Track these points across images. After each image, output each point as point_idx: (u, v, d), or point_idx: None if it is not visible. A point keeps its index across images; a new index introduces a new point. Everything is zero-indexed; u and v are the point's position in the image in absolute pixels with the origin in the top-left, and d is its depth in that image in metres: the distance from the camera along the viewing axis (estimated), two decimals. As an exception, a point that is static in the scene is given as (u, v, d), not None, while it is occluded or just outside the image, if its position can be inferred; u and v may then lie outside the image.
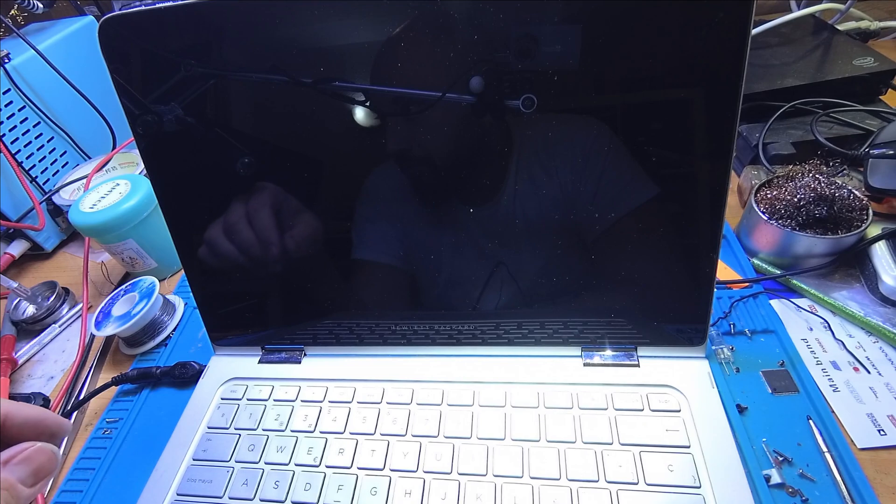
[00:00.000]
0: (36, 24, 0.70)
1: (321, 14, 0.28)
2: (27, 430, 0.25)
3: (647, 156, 0.29)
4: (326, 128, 0.32)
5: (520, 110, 0.29)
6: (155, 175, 0.35)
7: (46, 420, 0.25)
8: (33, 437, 0.25)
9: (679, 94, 0.27)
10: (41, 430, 0.25)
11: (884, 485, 0.29)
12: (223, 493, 0.32)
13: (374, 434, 0.34)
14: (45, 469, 0.24)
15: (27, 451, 0.24)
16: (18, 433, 0.24)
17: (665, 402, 0.32)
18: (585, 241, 0.32)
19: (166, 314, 0.48)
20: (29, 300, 0.52)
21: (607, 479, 0.29)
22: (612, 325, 0.34)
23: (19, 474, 0.23)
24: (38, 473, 0.24)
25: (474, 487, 0.30)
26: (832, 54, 0.57)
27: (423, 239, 0.34)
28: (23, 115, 0.60)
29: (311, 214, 0.35)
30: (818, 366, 0.35)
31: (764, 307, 0.39)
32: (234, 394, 0.38)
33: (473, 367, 0.36)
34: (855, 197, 0.40)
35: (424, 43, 0.28)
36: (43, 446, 0.24)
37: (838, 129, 0.49)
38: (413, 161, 0.32)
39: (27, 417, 0.25)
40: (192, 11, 0.30)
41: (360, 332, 0.38)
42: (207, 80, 0.31)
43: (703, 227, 0.30)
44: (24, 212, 0.59)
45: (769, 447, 0.31)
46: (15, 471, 0.23)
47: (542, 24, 0.26)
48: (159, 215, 0.36)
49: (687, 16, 0.25)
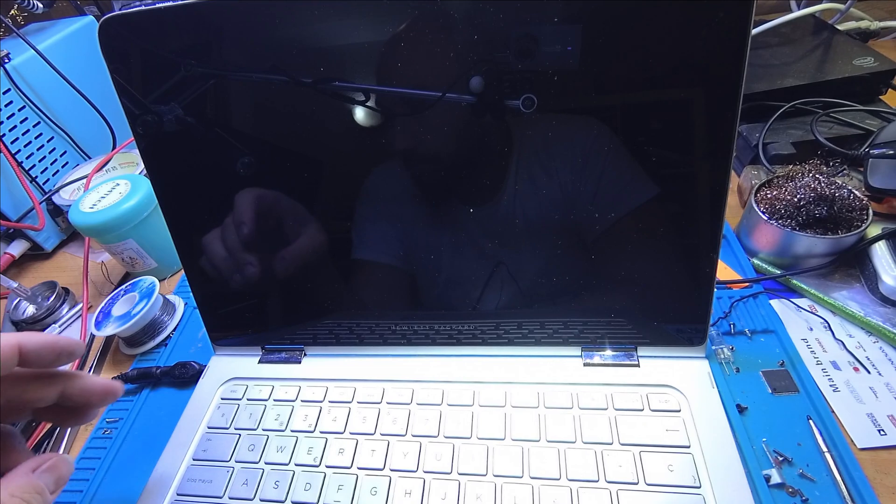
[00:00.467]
0: (36, 24, 0.70)
1: (321, 14, 0.28)
2: (45, 355, 0.26)
3: (646, 156, 0.29)
4: (326, 128, 0.32)
5: (520, 110, 0.29)
6: (155, 175, 0.35)
7: (59, 342, 0.27)
8: (51, 359, 0.26)
9: (679, 93, 0.27)
10: (57, 351, 0.27)
11: (884, 485, 0.29)
12: (223, 493, 0.32)
13: (374, 434, 0.34)
14: (64, 478, 0.26)
15: (52, 460, 0.26)
16: (37, 358, 0.26)
17: (665, 402, 0.32)
18: (585, 240, 0.32)
19: (166, 314, 0.48)
20: (29, 300, 0.52)
21: (607, 479, 0.29)
22: (612, 325, 0.34)
23: (46, 481, 0.25)
24: (59, 481, 0.26)
25: (474, 487, 0.30)
26: (832, 54, 0.57)
27: (424, 239, 0.34)
28: (23, 115, 0.60)
29: (315, 226, 0.35)
30: (818, 366, 0.35)
31: (764, 307, 0.39)
32: (234, 394, 0.38)
33: (473, 367, 0.36)
34: (855, 197, 0.40)
35: (424, 43, 0.28)
36: (63, 457, 0.26)
37: (838, 128, 0.49)
38: (413, 161, 0.32)
39: (41, 343, 0.26)
40: (192, 11, 0.30)
41: (360, 332, 0.38)
42: (207, 80, 0.31)
43: (703, 226, 0.30)
44: (24, 212, 0.59)
45: (769, 447, 0.31)
46: (42, 477, 0.25)
47: (542, 24, 0.26)
48: (159, 215, 0.36)
49: (687, 16, 0.25)
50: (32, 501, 0.24)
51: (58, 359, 0.27)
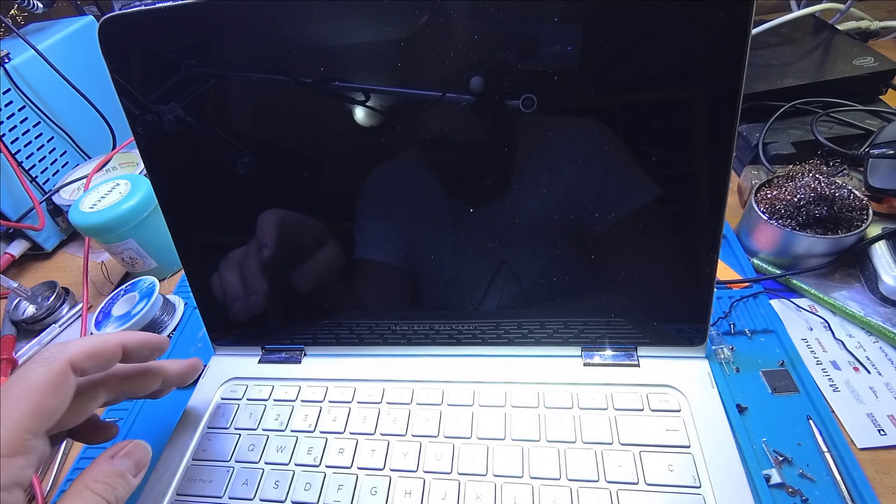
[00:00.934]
0: (36, 24, 0.70)
1: (321, 14, 0.28)
2: (143, 350, 0.30)
3: (646, 156, 0.29)
4: (326, 127, 0.32)
5: (520, 110, 0.29)
6: (155, 175, 0.35)
7: (151, 340, 0.30)
8: (146, 354, 0.30)
9: (679, 93, 0.27)
10: (151, 347, 0.30)
11: (884, 485, 0.29)
12: (223, 493, 0.32)
13: (374, 434, 0.34)
14: (143, 461, 0.28)
15: (128, 446, 0.28)
16: (137, 354, 0.29)
17: (665, 401, 0.32)
18: (586, 240, 0.32)
19: (166, 314, 0.48)
20: (29, 300, 0.52)
21: (607, 479, 0.29)
22: (612, 325, 0.34)
23: (126, 465, 0.27)
24: (139, 465, 0.27)
25: (474, 487, 0.30)
26: (832, 54, 0.57)
27: (424, 238, 0.34)
28: (23, 114, 0.60)
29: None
30: (818, 366, 0.35)
31: (764, 307, 0.39)
32: (234, 394, 0.38)
33: (473, 367, 0.36)
34: (855, 197, 0.40)
35: (424, 43, 0.28)
36: (139, 442, 0.28)
37: (838, 128, 0.49)
38: (413, 161, 0.32)
39: (138, 341, 0.29)
40: (192, 11, 0.30)
41: (360, 332, 0.38)
42: (207, 80, 0.31)
43: (703, 226, 0.30)
44: (24, 212, 0.59)
45: (769, 447, 0.31)
46: (122, 462, 0.27)
47: (542, 24, 0.26)
48: (159, 215, 0.36)
49: (687, 16, 0.25)
50: (116, 485, 0.25)
51: (152, 354, 0.30)
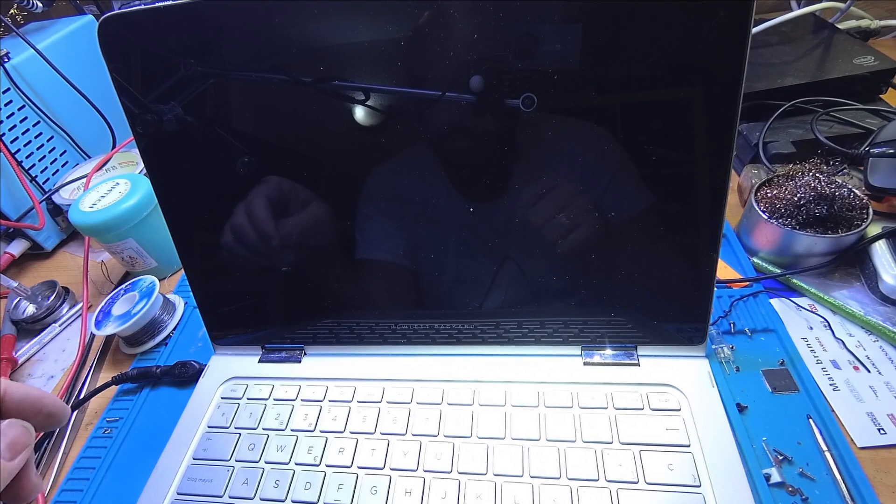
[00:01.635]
0: (35, 24, 0.70)
1: (321, 14, 0.28)
2: (25, 408, 0.25)
3: (646, 155, 0.29)
4: (326, 127, 0.32)
5: (520, 109, 0.29)
6: (155, 174, 0.35)
7: (44, 399, 0.25)
8: (31, 415, 0.25)
9: (679, 93, 0.27)
10: (38, 409, 0.25)
11: (884, 483, 0.29)
12: (223, 493, 0.32)
13: (375, 433, 0.34)
14: (21, 443, 0.24)
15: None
16: (16, 410, 0.24)
17: (665, 401, 0.32)
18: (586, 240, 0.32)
19: (166, 313, 0.48)
20: (29, 299, 0.52)
21: (607, 478, 0.29)
22: (612, 324, 0.34)
23: None
24: (14, 447, 0.24)
25: (474, 486, 0.30)
26: (832, 53, 0.57)
27: (424, 237, 0.34)
28: (23, 114, 0.60)
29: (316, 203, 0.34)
30: (818, 365, 0.35)
31: (764, 306, 0.39)
32: (234, 393, 0.38)
33: (473, 366, 0.36)
34: (855, 196, 0.40)
35: (424, 42, 0.28)
36: (13, 421, 0.24)
37: (838, 127, 0.49)
38: (413, 160, 0.32)
39: (25, 396, 0.25)
40: (191, 11, 0.30)
41: (360, 332, 0.38)
42: (207, 80, 0.31)
43: (703, 226, 0.30)
44: (24, 211, 0.59)
45: (769, 446, 0.31)
46: None
47: (542, 23, 0.26)
48: (159, 215, 0.36)
49: (687, 15, 0.25)
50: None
51: (35, 417, 0.25)
